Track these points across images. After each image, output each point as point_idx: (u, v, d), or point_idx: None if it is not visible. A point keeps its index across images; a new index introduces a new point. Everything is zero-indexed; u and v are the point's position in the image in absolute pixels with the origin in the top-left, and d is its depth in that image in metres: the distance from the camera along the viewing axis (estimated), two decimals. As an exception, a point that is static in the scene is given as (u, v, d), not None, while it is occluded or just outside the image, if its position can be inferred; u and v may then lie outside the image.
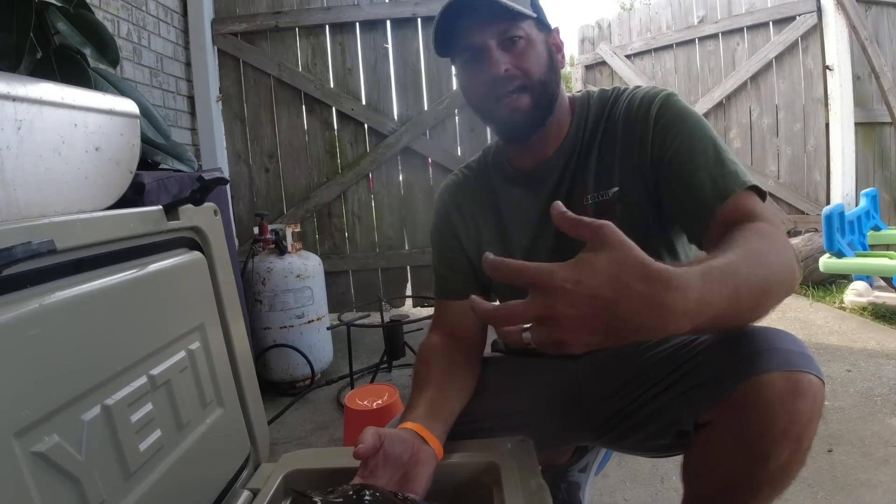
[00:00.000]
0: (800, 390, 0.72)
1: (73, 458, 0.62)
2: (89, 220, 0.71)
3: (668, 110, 0.94)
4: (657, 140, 0.94)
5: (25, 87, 0.93)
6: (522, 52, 0.95)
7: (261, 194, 3.75)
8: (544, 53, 0.98)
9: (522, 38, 0.95)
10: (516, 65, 0.95)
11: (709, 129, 0.92)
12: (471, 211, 1.15)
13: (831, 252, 3.20)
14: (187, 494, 0.82)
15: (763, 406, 0.72)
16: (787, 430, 0.72)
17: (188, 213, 0.92)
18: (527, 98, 0.96)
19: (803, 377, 0.73)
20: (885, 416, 1.90)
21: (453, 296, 1.16)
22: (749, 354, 0.76)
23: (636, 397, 0.95)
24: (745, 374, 0.75)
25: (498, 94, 0.96)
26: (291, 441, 2.11)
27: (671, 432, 0.88)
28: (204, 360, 0.91)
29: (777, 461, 0.73)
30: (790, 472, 0.76)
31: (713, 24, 4.30)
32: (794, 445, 0.73)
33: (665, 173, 0.93)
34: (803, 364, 0.74)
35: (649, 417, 0.93)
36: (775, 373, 0.73)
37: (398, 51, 3.67)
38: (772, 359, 0.74)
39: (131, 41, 2.79)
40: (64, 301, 0.63)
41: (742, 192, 0.85)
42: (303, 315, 2.61)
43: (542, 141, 1.04)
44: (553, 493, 1.37)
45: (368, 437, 0.78)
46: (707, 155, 0.88)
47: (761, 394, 0.72)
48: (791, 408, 0.71)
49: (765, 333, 0.78)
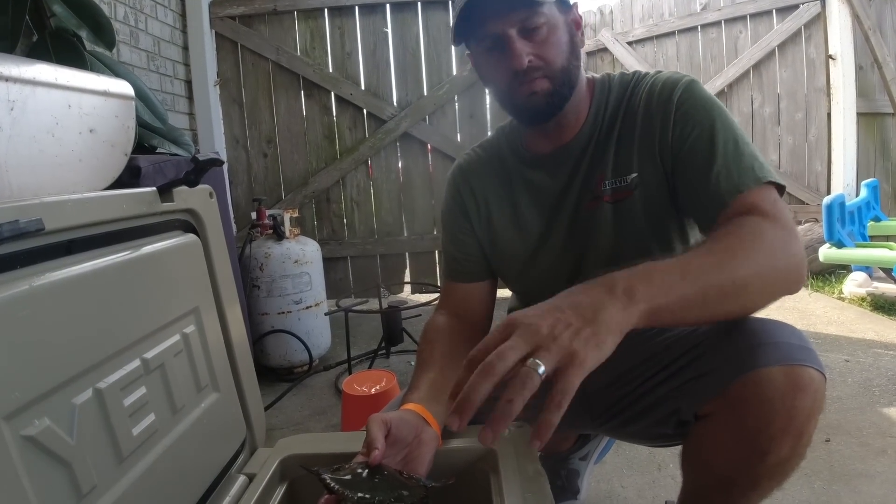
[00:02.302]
0: (800, 386, 0.71)
1: (64, 441, 0.61)
2: (80, 200, 0.70)
3: (690, 97, 0.92)
4: (677, 128, 0.92)
5: (18, 67, 0.91)
6: (544, 40, 0.92)
7: (259, 179, 3.73)
8: (565, 37, 0.95)
9: (544, 25, 0.91)
10: (538, 54, 0.92)
11: (730, 119, 0.90)
12: (483, 193, 1.13)
13: (831, 242, 3.19)
14: (182, 479, 0.81)
15: (762, 402, 0.71)
16: (787, 427, 0.71)
17: (183, 194, 0.91)
18: (547, 83, 0.94)
19: (804, 372, 0.71)
20: (883, 406, 1.90)
21: (461, 278, 1.16)
22: (749, 347, 0.75)
23: (637, 386, 0.94)
24: (744, 367, 0.73)
25: (520, 81, 0.93)
26: (289, 426, 2.11)
27: (672, 422, 0.87)
28: (199, 344, 0.90)
29: (776, 456, 0.72)
30: (790, 466, 0.75)
31: (716, 11, 4.26)
32: (793, 441, 0.72)
33: (682, 163, 0.91)
34: (804, 358, 0.72)
35: (650, 407, 0.93)
36: (775, 367, 0.71)
37: (398, 35, 3.64)
38: (771, 352, 0.73)
39: (128, 24, 2.76)
40: (55, 283, 0.62)
41: (757, 187, 0.83)
42: (301, 301, 2.60)
43: (561, 125, 1.02)
44: (552, 479, 1.37)
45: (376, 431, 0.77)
46: (726, 147, 0.87)
47: (760, 389, 0.71)
48: (791, 404, 0.70)
49: (765, 326, 0.77)
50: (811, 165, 4.10)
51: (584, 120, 1.02)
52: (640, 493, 1.50)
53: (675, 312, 0.69)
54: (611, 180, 0.98)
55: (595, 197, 1.00)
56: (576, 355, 0.60)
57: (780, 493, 1.41)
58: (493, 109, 3.66)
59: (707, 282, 0.70)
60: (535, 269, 1.08)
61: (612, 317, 0.64)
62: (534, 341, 0.61)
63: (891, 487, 1.45)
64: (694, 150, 0.89)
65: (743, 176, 0.84)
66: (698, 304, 0.70)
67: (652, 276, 0.68)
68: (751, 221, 0.78)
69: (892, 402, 1.92)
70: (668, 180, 0.95)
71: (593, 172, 1.00)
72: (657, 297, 0.67)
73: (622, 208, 0.98)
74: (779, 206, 0.82)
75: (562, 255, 1.05)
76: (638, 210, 0.97)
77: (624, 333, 0.64)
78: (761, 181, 0.83)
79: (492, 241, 1.12)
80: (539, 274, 1.08)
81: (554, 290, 1.07)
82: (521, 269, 1.10)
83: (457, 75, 3.63)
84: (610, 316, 0.64)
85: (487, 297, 1.17)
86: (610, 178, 0.99)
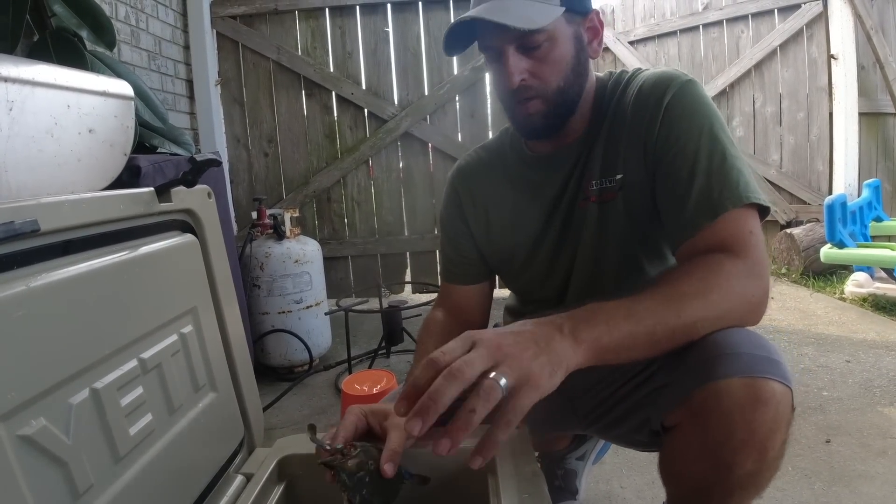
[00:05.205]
0: (760, 399, 0.67)
1: (60, 441, 0.61)
2: (77, 201, 0.69)
3: (682, 100, 0.87)
4: (662, 133, 0.88)
5: (17, 67, 0.91)
6: (544, 57, 0.89)
7: (260, 179, 3.73)
8: (570, 53, 0.91)
9: (545, 42, 0.88)
10: (534, 72, 0.89)
11: (722, 129, 0.86)
12: (483, 196, 1.12)
13: (833, 242, 3.19)
14: (179, 479, 0.81)
15: (722, 414, 0.68)
16: (748, 441, 0.68)
17: (181, 195, 0.90)
18: (541, 105, 0.91)
19: (765, 384, 0.68)
20: (884, 407, 1.89)
21: (458, 280, 1.16)
22: (710, 358, 0.71)
23: (614, 391, 0.95)
24: (703, 378, 0.70)
25: (516, 99, 0.92)
26: (288, 426, 2.11)
27: (645, 431, 0.87)
28: (196, 344, 0.90)
29: (741, 469, 0.69)
30: (761, 479, 0.72)
31: (718, 10, 4.25)
32: (757, 455, 0.68)
33: (661, 173, 0.88)
34: (766, 369, 0.69)
35: (625, 414, 0.93)
36: (734, 378, 0.68)
37: (399, 35, 3.64)
38: (732, 363, 0.69)
39: (129, 24, 2.76)
40: (51, 283, 0.62)
41: (736, 210, 0.80)
42: (301, 300, 2.60)
43: (564, 132, 0.99)
44: (549, 479, 1.37)
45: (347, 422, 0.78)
46: (712, 160, 0.83)
47: (719, 401, 0.68)
48: (751, 417, 0.67)
49: (729, 336, 0.73)
50: (813, 165, 4.09)
51: (587, 120, 1.00)
52: (640, 493, 1.50)
53: (621, 351, 0.69)
54: (598, 180, 0.96)
55: (585, 197, 0.98)
56: (532, 377, 0.61)
57: (780, 494, 1.42)
58: (494, 109, 3.66)
59: (654, 322, 0.70)
60: (532, 267, 1.08)
61: (563, 350, 0.65)
62: (495, 357, 0.62)
63: (891, 488, 1.44)
64: (677, 163, 0.85)
65: (724, 195, 0.80)
66: (644, 344, 0.70)
67: (596, 317, 0.69)
68: (711, 260, 0.76)
69: (893, 403, 1.91)
70: (652, 185, 0.91)
71: (585, 172, 0.99)
72: (602, 336, 0.68)
73: (606, 210, 0.96)
74: (750, 240, 0.79)
75: (556, 255, 1.05)
76: (620, 212, 0.95)
77: (569, 370, 0.65)
78: (744, 202, 0.80)
79: (490, 241, 1.12)
80: (536, 273, 1.08)
81: (551, 288, 1.08)
82: (518, 268, 1.10)
83: (458, 75, 3.63)
84: (562, 349, 0.65)
85: (484, 299, 1.18)
86: (598, 178, 0.96)
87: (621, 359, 0.70)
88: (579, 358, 0.66)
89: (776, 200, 4.10)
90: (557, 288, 1.08)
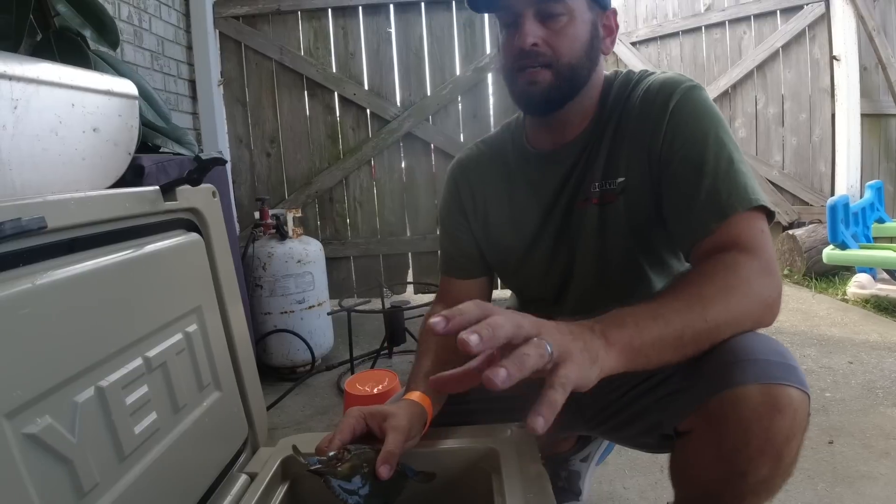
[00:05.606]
0: (777, 406, 0.67)
1: (65, 439, 0.61)
2: (83, 199, 0.69)
3: (687, 106, 0.88)
4: (668, 138, 0.88)
5: (22, 66, 0.91)
6: (560, 29, 0.89)
7: (262, 179, 3.74)
8: (585, 35, 0.92)
9: (564, 15, 0.88)
10: (547, 41, 0.89)
11: (727, 134, 0.86)
12: (482, 190, 1.12)
13: (835, 243, 3.19)
14: (183, 478, 0.81)
15: (738, 421, 0.68)
16: (764, 448, 0.68)
17: (185, 193, 0.90)
18: (549, 75, 0.90)
19: (782, 391, 0.68)
20: (887, 408, 1.89)
21: (457, 274, 1.16)
22: (726, 364, 0.71)
23: (622, 394, 0.94)
24: (720, 385, 0.70)
25: (521, 65, 0.91)
26: (291, 426, 2.11)
27: (655, 434, 0.87)
28: (201, 343, 0.90)
29: (755, 476, 0.69)
30: (774, 485, 0.72)
31: (720, 11, 4.26)
32: (772, 462, 0.69)
33: (668, 176, 0.88)
34: (784, 376, 0.69)
35: (634, 417, 0.92)
36: (751, 385, 0.68)
37: (401, 35, 3.64)
38: (749, 370, 0.69)
39: (132, 24, 2.76)
40: (57, 280, 0.62)
41: (745, 212, 0.80)
42: (303, 300, 2.60)
43: (564, 123, 0.99)
44: (553, 480, 1.37)
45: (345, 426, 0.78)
46: (718, 165, 0.83)
47: (736, 408, 0.68)
48: (768, 425, 0.67)
49: (745, 341, 0.73)
50: (815, 166, 4.10)
51: (590, 120, 1.00)
52: (643, 494, 1.50)
53: (651, 355, 0.68)
54: (600, 182, 0.96)
55: (585, 198, 0.98)
56: (574, 355, 0.60)
57: (782, 495, 1.41)
58: (496, 109, 3.66)
59: (682, 325, 0.69)
60: (530, 265, 1.08)
61: (597, 347, 0.64)
62: (539, 328, 0.60)
63: (894, 489, 1.44)
64: (683, 167, 0.86)
65: (733, 198, 0.81)
66: (672, 347, 0.69)
67: (624, 320, 0.68)
68: (729, 260, 0.76)
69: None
70: (656, 188, 0.91)
71: (587, 173, 0.99)
72: (633, 339, 0.66)
73: (607, 212, 0.96)
74: (761, 239, 0.79)
75: (553, 253, 1.05)
76: (621, 216, 0.95)
77: (603, 372, 0.63)
78: (752, 204, 0.80)
79: (488, 236, 1.12)
80: (533, 270, 1.08)
81: (548, 287, 1.08)
82: (516, 265, 1.10)
83: (460, 75, 3.63)
84: (596, 346, 0.63)
85: (483, 294, 1.17)
86: (600, 179, 0.96)
87: (651, 363, 0.68)
88: (612, 360, 0.64)
89: (778, 202, 4.10)
90: (555, 287, 1.07)
